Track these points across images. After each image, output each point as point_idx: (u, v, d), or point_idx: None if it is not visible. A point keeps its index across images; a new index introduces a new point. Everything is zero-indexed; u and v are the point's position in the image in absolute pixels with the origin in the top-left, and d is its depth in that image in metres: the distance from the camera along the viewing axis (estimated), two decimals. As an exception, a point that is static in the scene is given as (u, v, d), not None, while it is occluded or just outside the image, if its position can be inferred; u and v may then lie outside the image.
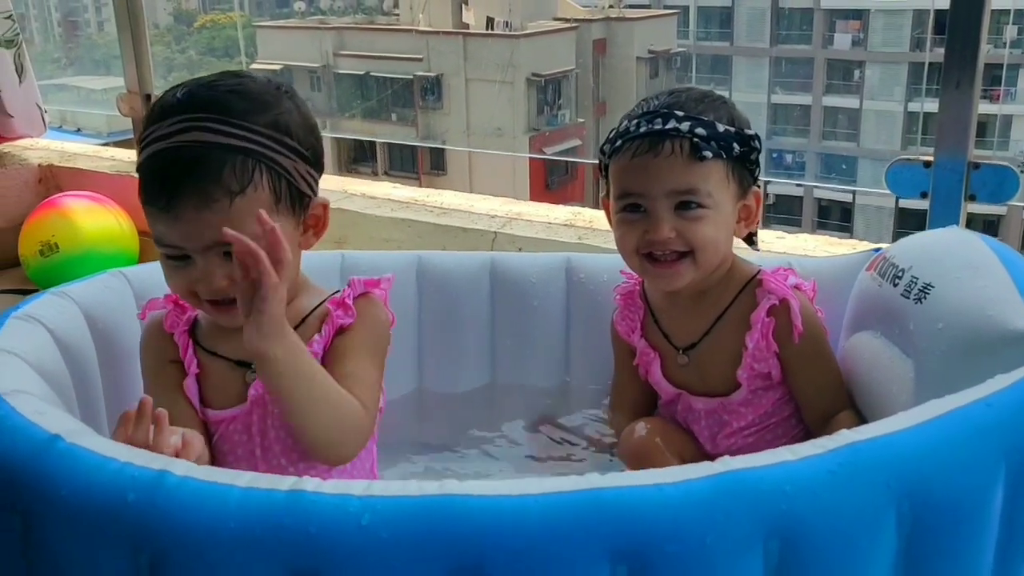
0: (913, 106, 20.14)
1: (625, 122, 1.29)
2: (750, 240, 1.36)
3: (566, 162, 19.91)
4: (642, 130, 1.26)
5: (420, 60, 19.04)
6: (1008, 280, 1.08)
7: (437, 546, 0.80)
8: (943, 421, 0.90)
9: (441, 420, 1.49)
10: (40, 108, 2.76)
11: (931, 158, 1.79)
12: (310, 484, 0.83)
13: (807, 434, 1.30)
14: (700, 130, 1.23)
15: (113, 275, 1.36)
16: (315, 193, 1.14)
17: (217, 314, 1.10)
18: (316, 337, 1.14)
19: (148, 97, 2.72)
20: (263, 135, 1.06)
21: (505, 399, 1.53)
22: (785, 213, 21.48)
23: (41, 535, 0.85)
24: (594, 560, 0.80)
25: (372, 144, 20.36)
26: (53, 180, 2.84)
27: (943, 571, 0.87)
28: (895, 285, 1.21)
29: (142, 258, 2.59)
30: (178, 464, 0.86)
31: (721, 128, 1.25)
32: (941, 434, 0.89)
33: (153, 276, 1.39)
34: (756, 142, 1.28)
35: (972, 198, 1.78)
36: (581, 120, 19.93)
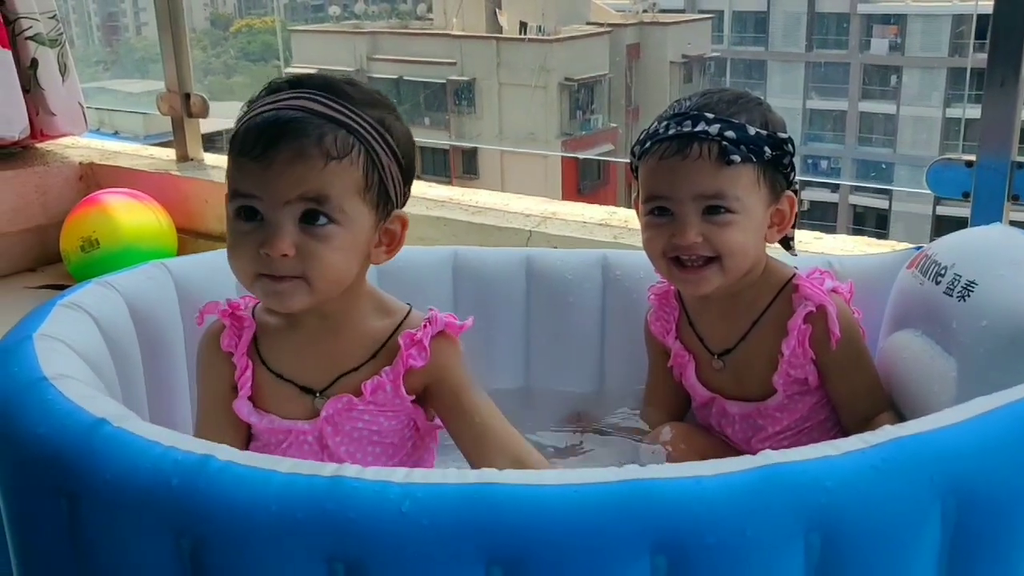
0: (952, 112, 19.89)
1: (655, 124, 1.28)
2: (787, 245, 1.34)
3: (598, 165, 19.87)
4: (671, 132, 1.24)
5: (453, 64, 19.11)
6: (1055, 277, 1.07)
7: (476, 534, 0.80)
8: (990, 417, 0.88)
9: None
10: (82, 106, 2.80)
11: (973, 158, 1.76)
12: (351, 471, 0.84)
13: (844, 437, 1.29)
14: (730, 133, 1.21)
15: (155, 266, 1.37)
16: (399, 206, 1.14)
17: (270, 289, 1.05)
18: (386, 369, 1.14)
19: (187, 96, 2.76)
20: (368, 122, 1.06)
21: (539, 396, 1.53)
22: (819, 220, 21.28)
23: (86, 518, 0.87)
24: (633, 550, 0.80)
25: (405, 147, 20.40)
26: (93, 177, 2.88)
27: (987, 569, 0.85)
28: (937, 283, 1.19)
29: (180, 255, 2.62)
30: (222, 449, 0.87)
31: (752, 131, 1.22)
32: (988, 430, 0.88)
33: (195, 268, 1.42)
34: (789, 145, 1.25)
35: (1015, 199, 1.75)
36: (614, 125, 19.90)
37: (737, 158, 1.20)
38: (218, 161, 2.85)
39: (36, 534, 0.91)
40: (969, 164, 1.77)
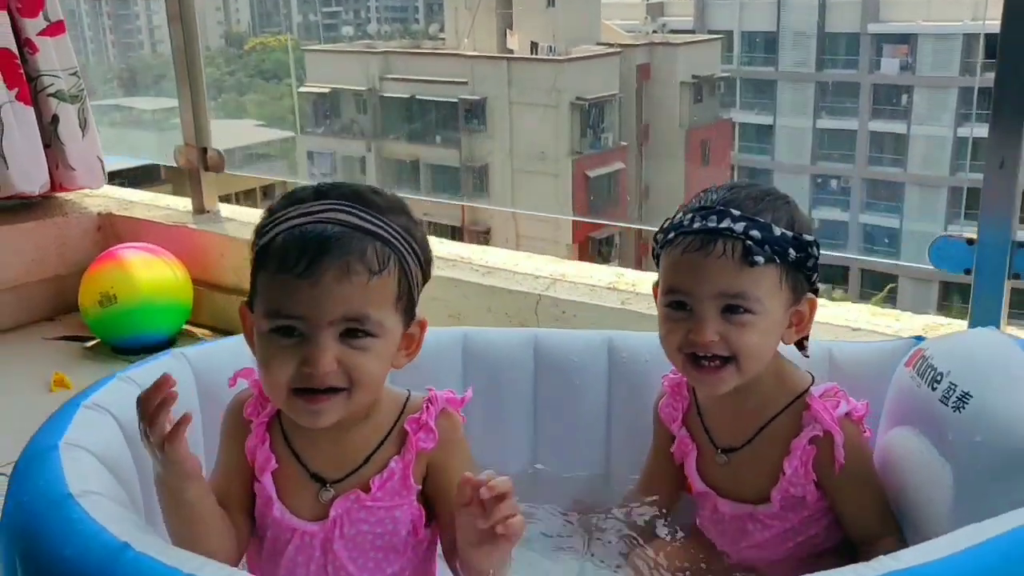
0: (963, 131, 19.85)
1: (680, 214, 1.27)
2: (800, 345, 1.33)
3: (608, 183, 19.95)
4: (695, 226, 1.22)
5: (465, 84, 19.22)
6: (1046, 394, 1.10)
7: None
8: (979, 550, 0.92)
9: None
10: (100, 160, 2.86)
11: (974, 236, 1.80)
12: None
13: (834, 552, 1.32)
14: (755, 232, 1.20)
15: (174, 356, 1.41)
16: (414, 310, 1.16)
17: (302, 406, 1.08)
18: (395, 459, 1.16)
19: (204, 151, 2.81)
20: (399, 232, 1.10)
21: (545, 479, 1.56)
22: (831, 238, 21.31)
23: (110, 640, 0.90)
24: None
25: (416, 166, 20.56)
26: (111, 228, 2.93)
27: None
28: (933, 389, 1.22)
29: (196, 307, 2.67)
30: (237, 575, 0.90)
31: (778, 232, 1.21)
32: (977, 563, 0.91)
33: (212, 356, 1.46)
34: (814, 248, 1.24)
35: (1016, 277, 1.78)
36: (624, 143, 19.97)
37: (761, 259, 1.20)
38: (233, 213, 2.89)
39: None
40: (970, 242, 1.80)
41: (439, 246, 2.57)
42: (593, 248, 20.05)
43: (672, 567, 1.33)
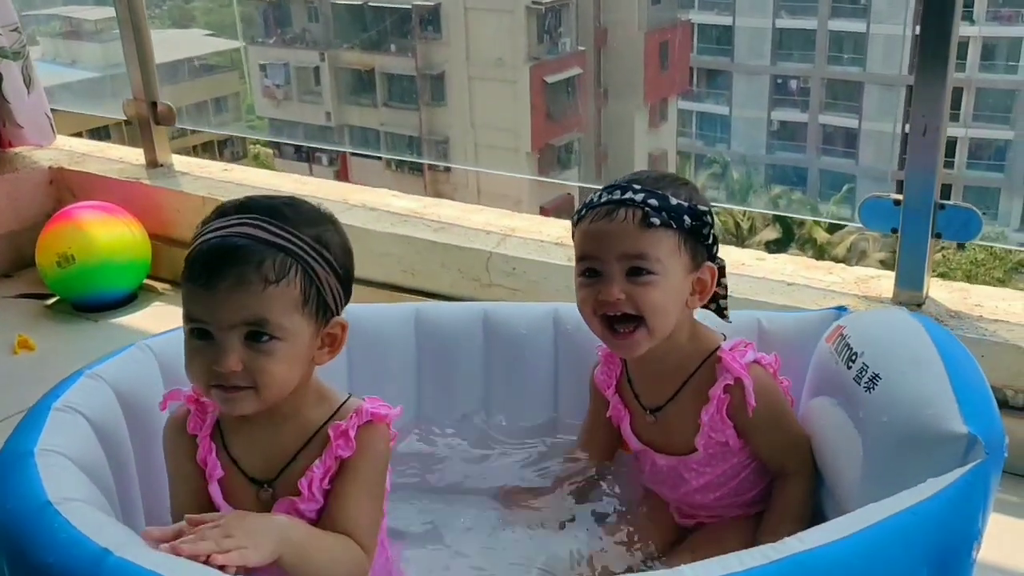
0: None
1: (591, 196, 1.42)
2: (720, 312, 1.46)
3: (567, 89, 19.80)
4: (602, 200, 1.38)
5: (418, -11, 18.80)
6: (945, 379, 1.20)
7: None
8: (875, 530, 1.03)
9: (436, 463, 1.62)
10: (48, 117, 2.84)
11: (900, 197, 1.89)
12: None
13: (768, 493, 1.45)
14: (653, 200, 1.35)
15: (139, 348, 1.47)
16: (339, 312, 1.24)
17: (223, 397, 1.17)
18: (317, 463, 1.23)
19: (154, 104, 2.80)
20: (306, 243, 1.18)
21: (497, 449, 1.66)
22: (790, 139, 21.49)
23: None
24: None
25: (371, 76, 20.21)
26: (63, 182, 2.93)
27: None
28: (848, 368, 1.33)
29: (155, 262, 2.70)
30: (213, 576, 0.99)
31: (674, 201, 1.35)
32: (872, 542, 1.02)
33: (176, 345, 1.50)
34: (708, 217, 1.38)
35: (938, 236, 1.89)
36: (582, 48, 19.75)
37: (657, 221, 1.34)
38: (187, 166, 2.91)
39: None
40: (896, 203, 1.90)
41: (393, 200, 2.61)
42: (552, 155, 20.01)
43: (624, 520, 1.48)
